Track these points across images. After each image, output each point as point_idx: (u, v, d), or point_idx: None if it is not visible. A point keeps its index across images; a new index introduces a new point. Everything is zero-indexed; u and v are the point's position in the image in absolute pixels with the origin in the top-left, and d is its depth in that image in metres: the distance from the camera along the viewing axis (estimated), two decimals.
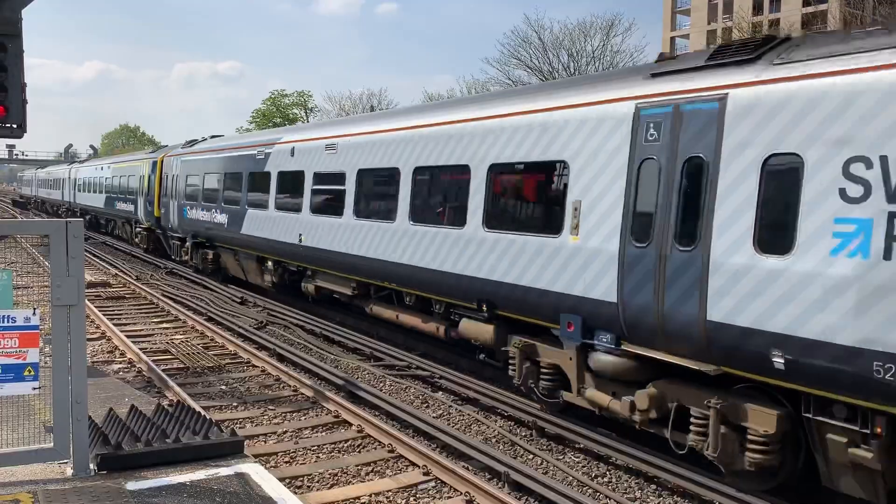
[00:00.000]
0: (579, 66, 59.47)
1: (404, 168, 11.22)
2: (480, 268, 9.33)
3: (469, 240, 9.58)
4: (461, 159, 9.94)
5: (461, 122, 10.11)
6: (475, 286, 9.45)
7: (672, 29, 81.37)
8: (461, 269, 9.67)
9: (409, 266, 10.87)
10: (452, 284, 9.92)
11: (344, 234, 12.82)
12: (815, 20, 63.07)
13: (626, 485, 7.18)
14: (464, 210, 9.75)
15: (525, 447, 8.06)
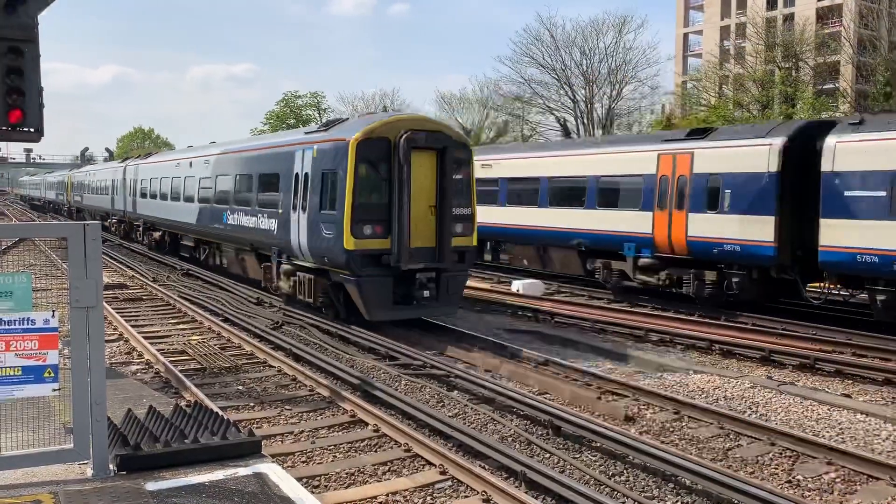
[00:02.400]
0: (592, 64, 59.20)
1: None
2: None
3: None
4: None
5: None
6: None
7: (685, 25, 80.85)
8: None
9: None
10: None
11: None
12: (830, 14, 62.47)
13: (644, 483, 7.14)
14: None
15: (541, 446, 8.04)
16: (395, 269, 13.53)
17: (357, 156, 13.50)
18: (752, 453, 8.01)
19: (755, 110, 50.69)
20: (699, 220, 16.37)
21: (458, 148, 14.34)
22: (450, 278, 14.14)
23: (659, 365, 12.10)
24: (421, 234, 13.70)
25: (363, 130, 13.76)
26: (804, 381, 11.34)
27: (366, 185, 13.74)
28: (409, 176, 13.42)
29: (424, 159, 13.78)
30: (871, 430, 8.83)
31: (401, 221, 13.39)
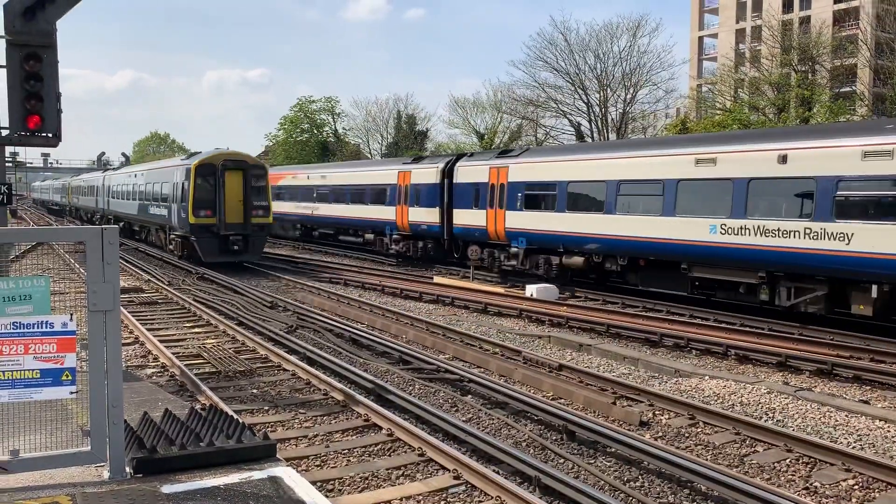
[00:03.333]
0: (606, 68, 59.07)
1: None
2: None
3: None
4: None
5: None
6: None
7: (700, 28, 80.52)
8: None
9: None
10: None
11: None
12: (846, 17, 62.01)
13: (659, 489, 7.10)
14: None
15: (556, 451, 8.01)
16: (218, 233, 25.18)
17: (196, 173, 25.26)
18: (768, 459, 7.94)
19: (771, 114, 50.36)
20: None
21: (255, 168, 26.58)
22: (252, 239, 25.95)
23: (674, 370, 12.03)
24: (234, 215, 25.37)
25: (199, 160, 25.91)
26: (821, 386, 11.24)
27: (201, 188, 25.20)
28: (224, 184, 25.25)
29: (235, 174, 25.55)
30: (889, 436, 8.74)
31: (220, 208, 25.18)
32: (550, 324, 16.14)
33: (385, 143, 76.40)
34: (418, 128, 74.13)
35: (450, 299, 19.01)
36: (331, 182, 34.42)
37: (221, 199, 25.04)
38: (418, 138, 72.23)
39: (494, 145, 61.04)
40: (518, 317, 17.05)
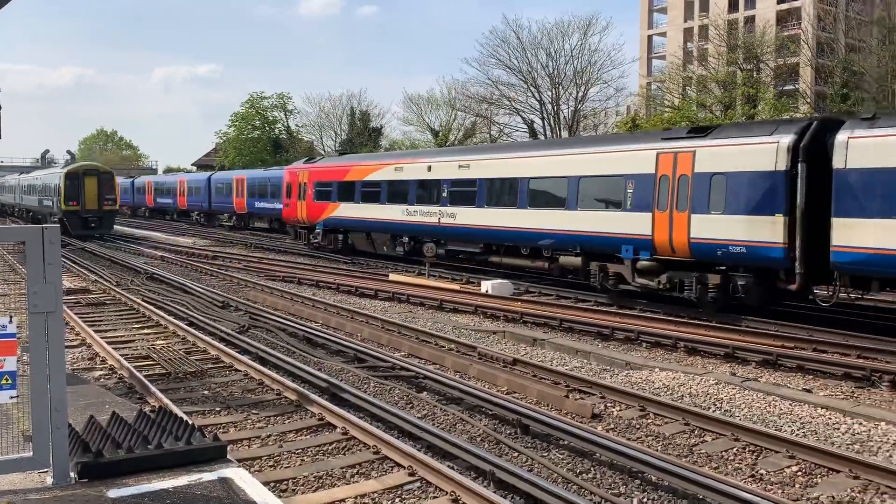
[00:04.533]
0: (558, 66, 59.63)
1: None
2: None
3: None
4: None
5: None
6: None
7: (649, 27, 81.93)
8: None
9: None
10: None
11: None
12: (789, 17, 63.76)
13: (611, 481, 7.21)
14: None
15: (510, 445, 8.08)
16: (80, 216, 37.40)
17: (65, 179, 37.67)
18: (716, 449, 8.14)
19: (718, 111, 51.47)
20: None
21: (105, 174, 39.04)
22: (104, 219, 38.38)
23: (625, 362, 12.23)
24: (91, 204, 37.81)
25: (68, 169, 39.37)
26: (767, 376, 11.55)
27: (69, 188, 37.47)
28: (84, 185, 37.57)
29: (92, 179, 38.10)
30: (830, 423, 9.03)
31: (82, 199, 37.51)
32: (505, 319, 16.25)
33: (339, 140, 75.83)
34: (372, 124, 73.82)
35: (405, 297, 18.99)
36: (482, 173, 21.72)
37: (83, 194, 37.76)
38: (372, 135, 71.91)
39: (449, 143, 61.21)
40: (474, 313, 17.12)
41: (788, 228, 14.20)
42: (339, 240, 29.55)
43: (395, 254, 26.23)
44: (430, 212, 23.67)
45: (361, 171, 27.84)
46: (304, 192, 30.53)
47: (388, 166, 26.52)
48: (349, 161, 30.77)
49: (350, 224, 28.30)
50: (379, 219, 26.28)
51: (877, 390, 10.75)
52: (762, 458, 7.86)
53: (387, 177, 26.16)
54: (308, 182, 30.29)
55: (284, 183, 32.87)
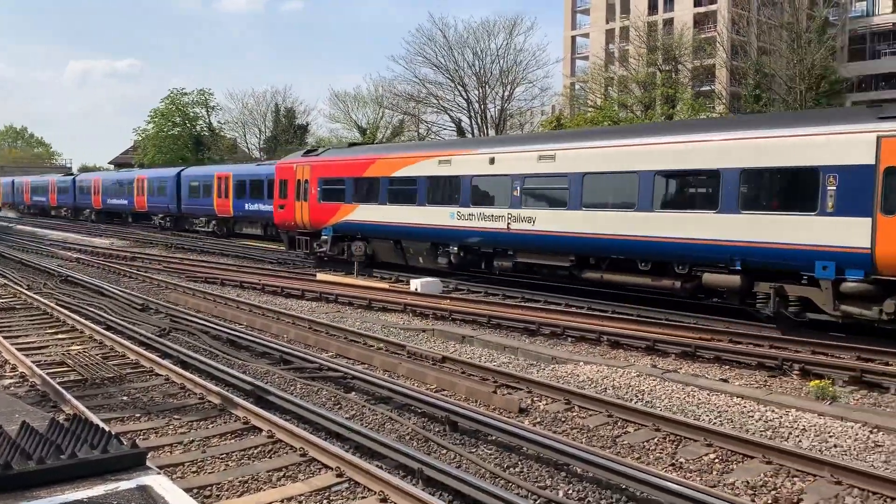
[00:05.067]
0: (484, 65, 60.13)
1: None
2: None
3: None
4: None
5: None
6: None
7: (573, 28, 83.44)
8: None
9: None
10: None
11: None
12: (705, 20, 66.06)
13: (537, 474, 7.32)
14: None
15: (439, 443, 8.10)
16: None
17: None
18: (638, 439, 8.37)
19: (638, 111, 52.91)
20: None
21: None
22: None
23: (551, 357, 12.45)
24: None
25: None
26: (686, 368, 11.95)
27: None
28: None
29: None
30: (745, 411, 9.41)
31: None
32: (435, 317, 16.30)
33: (263, 137, 74.46)
34: (298, 121, 72.80)
35: (333, 296, 18.81)
36: (574, 166, 17.05)
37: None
38: (298, 132, 70.91)
39: (377, 140, 60.91)
40: (403, 311, 17.10)
41: None
42: (353, 249, 23.71)
43: (437, 266, 21.36)
44: (495, 215, 18.76)
45: (389, 164, 22.42)
46: (305, 191, 25.46)
47: (429, 159, 21.14)
48: (370, 153, 24.44)
49: (371, 230, 23.05)
50: (415, 223, 21.28)
51: (788, 378, 11.26)
52: (682, 446, 8.13)
53: (427, 172, 20.98)
54: (310, 179, 25.19)
55: (276, 180, 27.70)
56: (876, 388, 10.59)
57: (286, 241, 27.71)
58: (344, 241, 24.26)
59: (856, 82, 61.82)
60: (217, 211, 40.19)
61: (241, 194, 37.95)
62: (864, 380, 10.75)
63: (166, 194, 44.94)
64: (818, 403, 9.70)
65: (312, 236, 25.65)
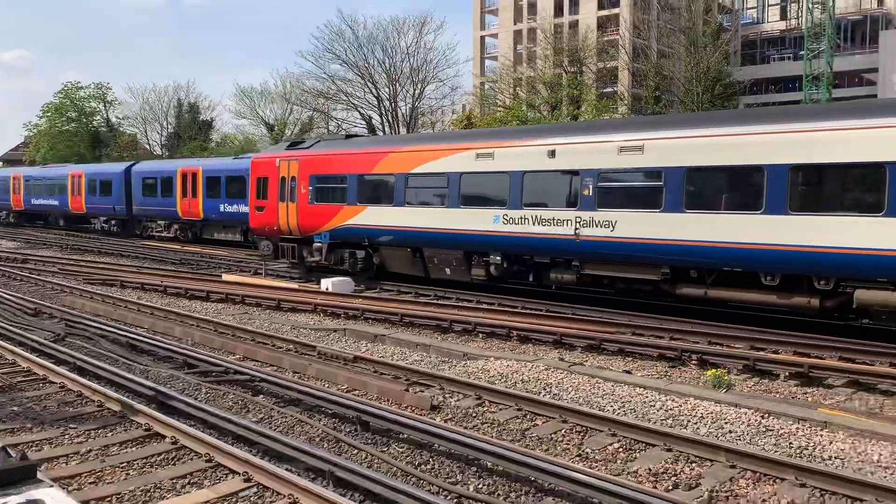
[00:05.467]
0: (394, 63, 60.05)
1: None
2: None
3: None
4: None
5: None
6: None
7: (482, 28, 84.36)
8: None
9: None
10: None
11: None
12: (609, 23, 68.14)
13: (449, 469, 7.37)
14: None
15: (350, 443, 8.04)
16: None
17: None
18: (546, 431, 8.55)
19: (545, 111, 54.06)
20: None
21: None
22: None
23: (463, 353, 12.56)
24: None
25: None
26: (592, 360, 12.30)
27: None
28: None
29: None
30: (647, 401, 9.76)
31: None
32: (346, 316, 16.15)
33: (165, 133, 71.87)
34: (202, 117, 70.64)
35: (240, 297, 18.35)
36: (671, 160, 14.27)
37: None
38: (202, 128, 68.81)
39: (285, 137, 59.81)
40: (313, 311, 16.87)
41: None
42: (358, 258, 20.62)
43: (474, 279, 18.22)
44: (557, 218, 15.85)
45: (407, 159, 19.04)
46: (291, 191, 21.85)
47: (463, 152, 17.79)
48: (381, 145, 21.31)
49: (382, 236, 19.73)
50: (443, 229, 18.07)
51: (687, 368, 11.76)
52: (588, 437, 8.36)
53: (460, 167, 17.78)
54: (298, 176, 21.67)
55: (252, 178, 23.72)
56: (767, 376, 11.19)
57: (264, 248, 23.60)
58: (343, 249, 20.87)
59: (748, 85, 65.17)
60: (181, 213, 34.39)
61: (215, 193, 32.49)
62: (756, 368, 11.34)
63: (112, 193, 38.60)
64: (714, 391, 10.18)
65: (301, 243, 21.98)
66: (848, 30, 68.50)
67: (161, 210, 35.86)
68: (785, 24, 73.39)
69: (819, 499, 6.62)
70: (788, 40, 71.59)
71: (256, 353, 12.52)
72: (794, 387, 10.68)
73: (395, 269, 20.09)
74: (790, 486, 6.85)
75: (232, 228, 32.13)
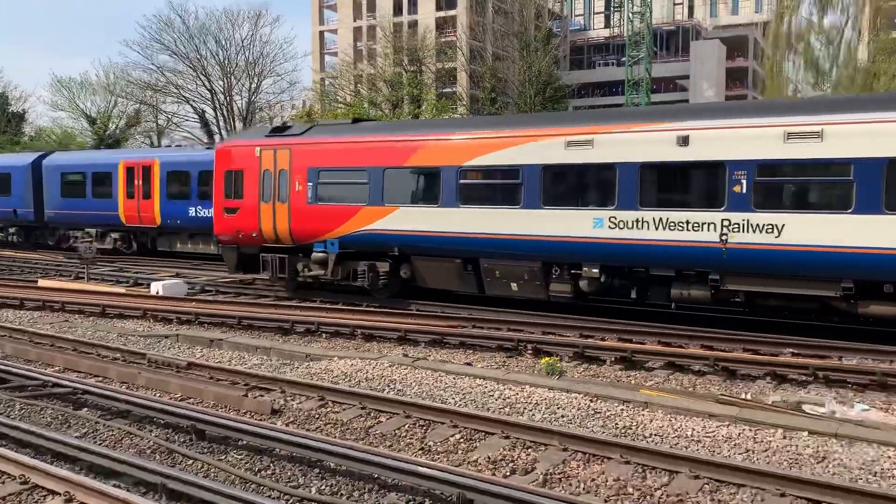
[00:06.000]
0: (228, 55, 57.98)
1: None
2: None
3: None
4: None
5: None
6: None
7: (321, 23, 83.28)
8: None
9: None
10: None
11: None
12: (446, 24, 69.56)
13: (290, 474, 7.22)
14: None
15: (184, 453, 7.67)
16: None
17: None
18: (390, 427, 8.60)
19: (387, 109, 54.34)
20: None
21: None
22: None
23: (305, 355, 12.35)
24: None
25: None
26: (435, 355, 12.51)
27: None
28: None
29: None
30: (487, 391, 10.08)
31: None
32: (179, 322, 15.37)
33: None
34: (12, 109, 64.46)
35: (60, 304, 16.94)
36: (869, 149, 11.70)
37: None
38: (13, 121, 62.83)
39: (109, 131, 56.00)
40: (143, 317, 15.90)
41: None
42: (380, 272, 16.76)
43: (552, 296, 15.00)
44: (692, 222, 12.99)
45: (458, 147, 15.50)
46: (281, 188, 17.68)
47: (547, 139, 14.44)
48: (417, 131, 16.99)
49: (422, 243, 16.02)
50: (515, 235, 14.76)
51: (523, 358, 12.27)
52: (430, 430, 8.50)
53: (542, 158, 14.45)
54: (291, 169, 17.48)
55: (218, 171, 18.96)
56: (595, 362, 11.91)
57: (230, 260, 19.11)
58: (358, 261, 16.93)
59: (576, 89, 68.98)
60: (125, 218, 27.35)
61: (180, 192, 25.90)
62: (585, 355, 12.04)
63: (11, 193, 30.95)
64: (548, 378, 10.69)
65: (293, 253, 17.85)
66: (664, 39, 74.37)
67: (92, 215, 28.31)
68: (609, 31, 78.45)
69: (641, 474, 7.14)
70: (612, 47, 76.57)
71: (78, 363, 11.62)
72: (619, 371, 11.46)
73: (431, 285, 16.53)
74: (616, 465, 7.33)
75: (205, 238, 25.03)
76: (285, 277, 18.01)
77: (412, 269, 16.49)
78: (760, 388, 10.39)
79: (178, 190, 25.98)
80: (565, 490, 6.84)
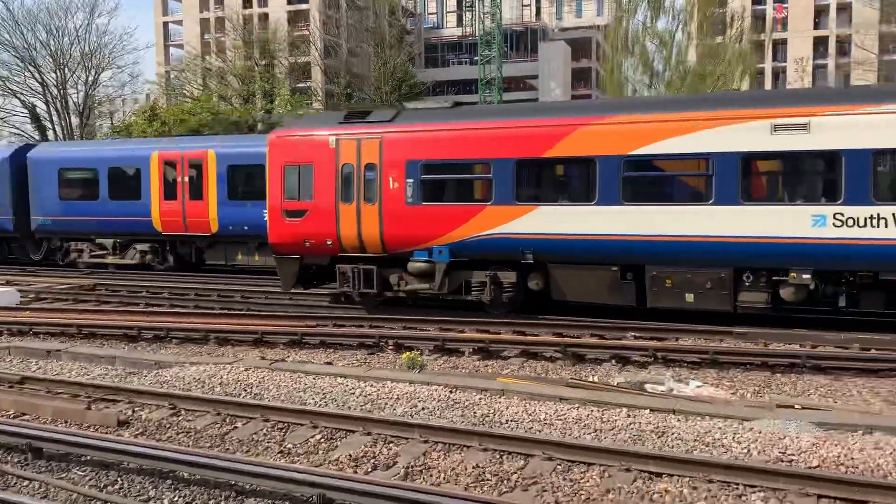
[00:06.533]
0: (62, 45, 53.94)
1: None
2: None
3: None
4: None
5: None
6: None
7: (164, 14, 79.19)
8: None
9: None
10: None
11: None
12: (298, 18, 68.21)
13: (140, 486, 6.86)
14: None
15: (18, 474, 7.08)
16: None
17: None
18: (247, 432, 8.36)
19: (238, 103, 52.60)
20: None
21: None
22: None
23: (154, 362, 11.74)
24: None
25: None
26: (294, 356, 12.28)
27: None
28: None
29: None
30: (348, 389, 10.03)
31: None
32: (10, 333, 14.13)
33: None
34: None
35: None
36: None
37: None
38: None
39: None
40: None
41: None
42: (505, 284, 14.34)
43: (741, 307, 12.88)
44: None
45: (621, 133, 13.13)
46: (368, 186, 14.87)
47: (744, 122, 12.41)
48: (563, 114, 14.22)
49: (569, 249, 13.63)
50: (700, 236, 12.71)
51: (384, 354, 12.31)
52: (290, 432, 8.34)
53: (741, 144, 12.41)
54: (383, 162, 14.69)
55: (275, 165, 15.76)
56: (455, 354, 12.16)
57: (285, 275, 15.98)
58: (472, 271, 14.50)
59: (431, 86, 69.82)
60: (161, 225, 22.03)
61: (247, 192, 20.93)
62: (446, 347, 12.26)
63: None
64: (409, 373, 10.80)
65: (384, 264, 15.16)
66: (514, 39, 76.81)
67: (110, 221, 22.73)
68: (461, 30, 79.98)
69: (499, 459, 7.38)
70: (465, 46, 78.10)
71: None
72: (478, 361, 11.76)
73: (573, 298, 14.06)
74: (475, 452, 7.53)
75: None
76: (371, 292, 15.25)
77: (548, 279, 14.10)
78: (607, 370, 11.02)
79: (243, 189, 21.25)
80: (426, 482, 6.94)
